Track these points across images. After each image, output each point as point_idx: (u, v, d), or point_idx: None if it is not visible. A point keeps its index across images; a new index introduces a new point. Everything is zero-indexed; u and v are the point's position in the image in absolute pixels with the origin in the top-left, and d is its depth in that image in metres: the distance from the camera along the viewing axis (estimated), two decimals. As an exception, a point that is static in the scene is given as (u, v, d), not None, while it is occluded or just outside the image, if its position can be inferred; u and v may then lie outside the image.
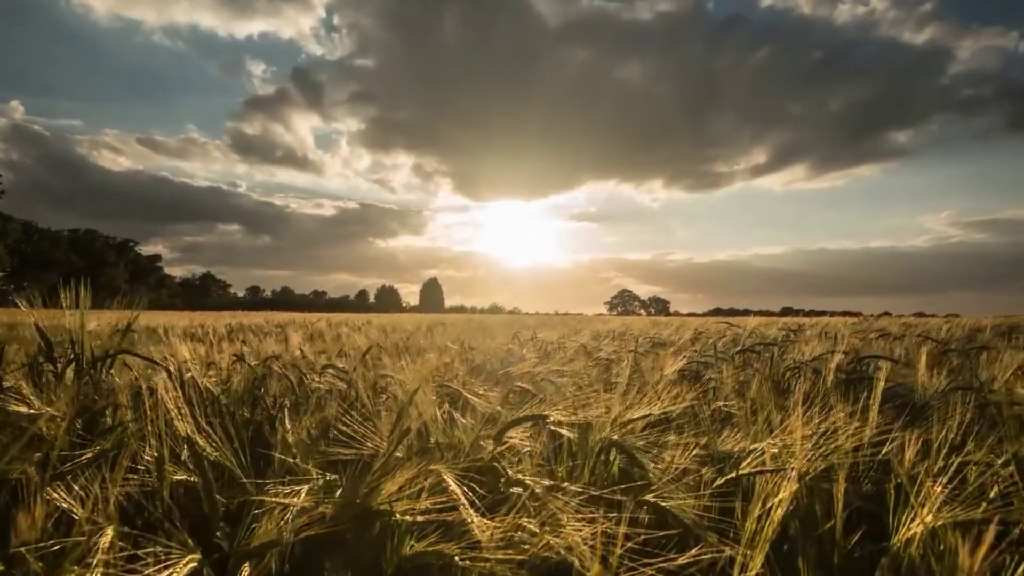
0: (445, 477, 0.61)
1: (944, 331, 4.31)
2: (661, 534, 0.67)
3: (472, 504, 0.59)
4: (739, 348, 2.40)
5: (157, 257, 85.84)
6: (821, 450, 0.79)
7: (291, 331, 5.38)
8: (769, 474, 0.78)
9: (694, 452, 1.13)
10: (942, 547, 0.66)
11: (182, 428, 0.66)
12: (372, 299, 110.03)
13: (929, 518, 0.67)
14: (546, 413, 0.83)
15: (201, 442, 0.67)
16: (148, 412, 0.67)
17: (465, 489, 0.60)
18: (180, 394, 0.68)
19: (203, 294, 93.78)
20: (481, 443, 0.88)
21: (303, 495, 0.68)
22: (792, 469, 0.72)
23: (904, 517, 0.69)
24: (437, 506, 0.57)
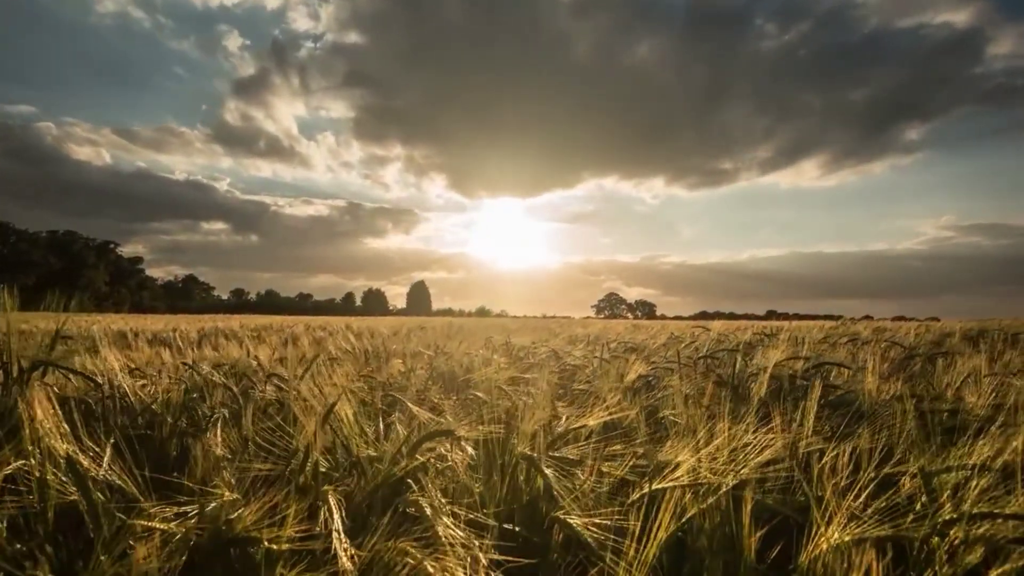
0: (329, 499, 0.59)
1: (913, 336, 4.37)
2: (520, 562, 0.65)
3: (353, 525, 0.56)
4: (701, 354, 2.40)
5: (139, 259, 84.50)
6: (734, 464, 0.78)
7: (264, 336, 5.30)
8: (682, 488, 0.76)
9: (632, 463, 1.12)
10: (846, 565, 0.65)
11: (60, 447, 0.63)
12: (359, 302, 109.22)
13: (835, 535, 0.66)
14: (455, 428, 0.81)
15: (84, 462, 0.64)
16: (27, 431, 0.64)
17: (339, 512, 0.58)
18: (58, 411, 0.65)
19: (186, 297, 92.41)
20: (410, 457, 0.86)
21: (205, 513, 0.65)
22: (677, 485, 0.70)
23: (814, 533, 0.68)
24: (301, 533, 0.54)
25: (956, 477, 0.83)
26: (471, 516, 0.77)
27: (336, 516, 0.58)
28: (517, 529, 0.79)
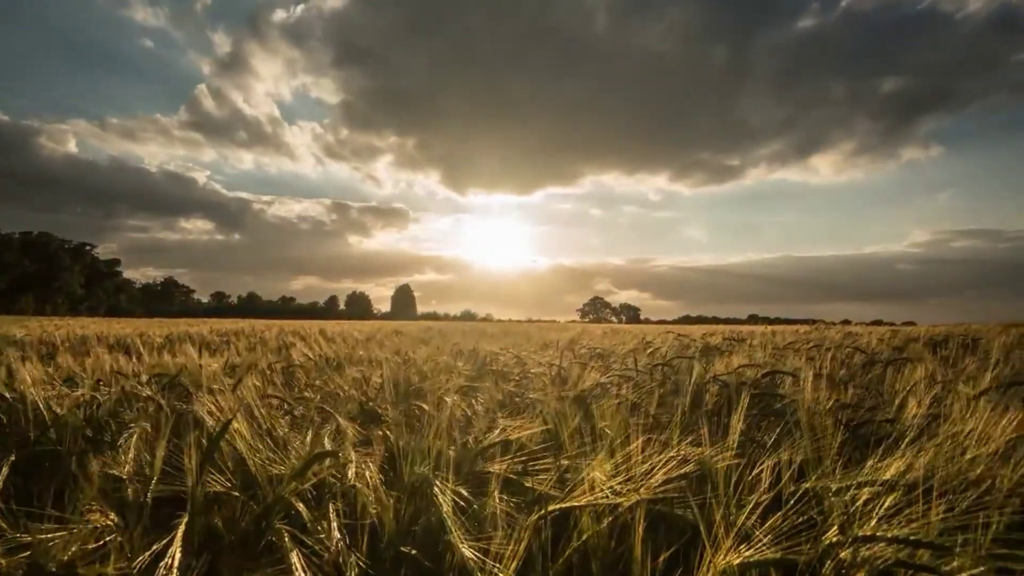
0: (178, 529, 0.56)
1: (876, 342, 4.43)
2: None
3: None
4: (657, 362, 2.39)
5: (116, 261, 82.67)
6: (640, 481, 0.76)
7: (232, 341, 5.20)
8: (581, 509, 0.74)
9: (555, 478, 1.10)
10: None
11: None
12: (343, 305, 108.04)
13: (723, 559, 0.64)
14: (339, 451, 0.77)
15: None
16: None
17: (179, 545, 0.54)
18: None
19: (165, 300, 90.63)
20: (298, 478, 0.82)
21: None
22: (573, 506, 0.68)
23: (703, 557, 0.66)
24: (121, 569, 0.51)
25: (858, 494, 0.82)
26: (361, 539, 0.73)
27: (175, 549, 0.54)
28: (414, 552, 0.76)
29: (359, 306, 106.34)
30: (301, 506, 0.73)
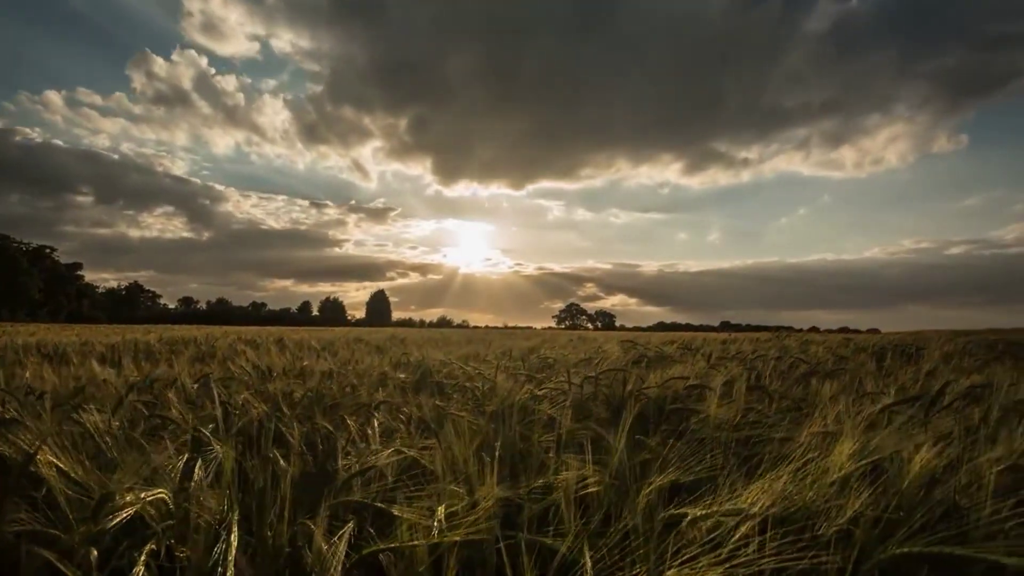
0: None
1: (823, 351, 4.50)
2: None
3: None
4: (590, 374, 2.37)
5: (77, 265, 79.75)
6: (468, 517, 0.71)
7: (176, 351, 5.02)
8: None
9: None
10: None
11: None
12: (316, 311, 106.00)
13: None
14: (115, 490, 0.71)
15: None
16: None
17: None
18: None
19: (130, 306, 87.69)
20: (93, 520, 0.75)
21: None
22: (394, 546, 0.63)
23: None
24: None
25: (722, 522, 0.79)
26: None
27: None
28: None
29: (333, 312, 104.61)
30: (93, 551, 0.66)
